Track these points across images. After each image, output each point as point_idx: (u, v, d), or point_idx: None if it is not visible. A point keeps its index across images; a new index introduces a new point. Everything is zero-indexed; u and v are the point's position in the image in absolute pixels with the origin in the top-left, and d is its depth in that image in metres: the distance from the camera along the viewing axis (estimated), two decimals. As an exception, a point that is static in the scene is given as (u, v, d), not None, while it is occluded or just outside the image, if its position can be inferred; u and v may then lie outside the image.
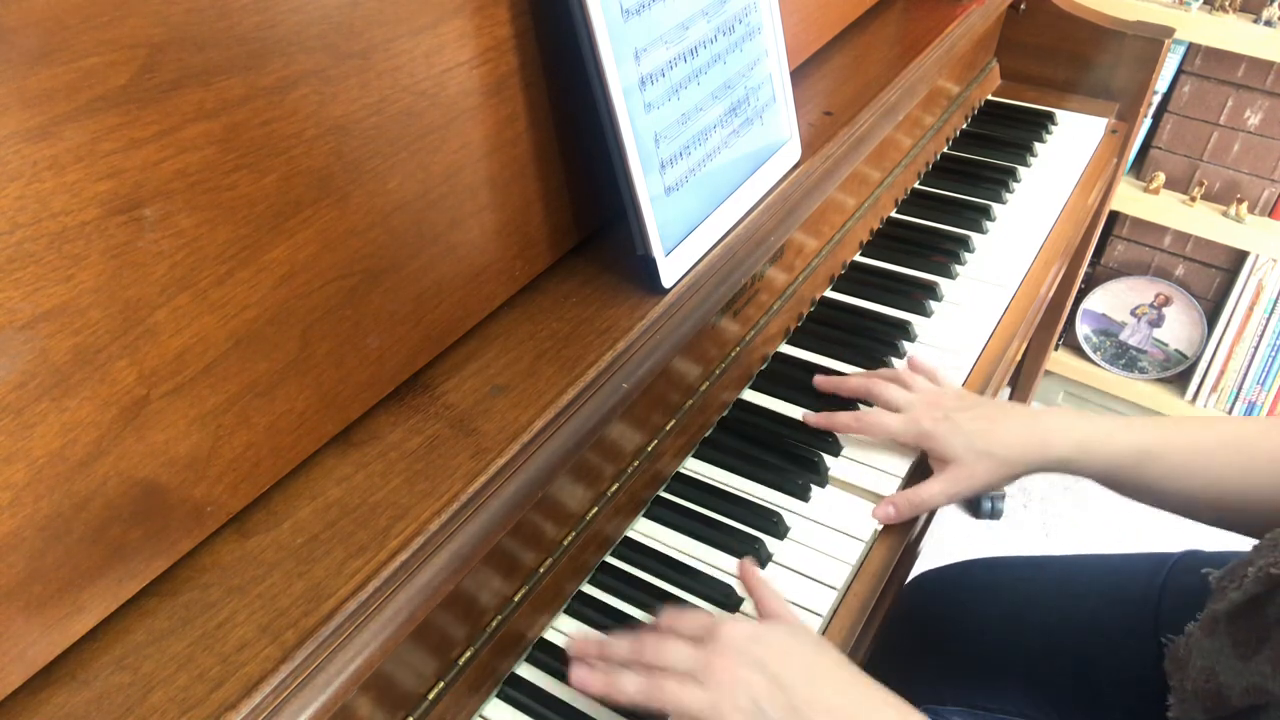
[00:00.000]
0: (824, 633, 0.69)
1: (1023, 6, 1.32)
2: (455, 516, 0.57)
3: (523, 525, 0.62)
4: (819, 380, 0.86)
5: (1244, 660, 0.61)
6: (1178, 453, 0.71)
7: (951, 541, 1.72)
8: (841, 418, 0.82)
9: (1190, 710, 0.67)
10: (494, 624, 0.63)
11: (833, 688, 0.56)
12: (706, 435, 0.83)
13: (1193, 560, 0.83)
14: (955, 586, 0.96)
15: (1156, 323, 1.88)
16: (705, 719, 0.55)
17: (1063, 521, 1.77)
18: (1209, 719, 0.65)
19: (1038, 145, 1.25)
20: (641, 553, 0.74)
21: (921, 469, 0.81)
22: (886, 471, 0.80)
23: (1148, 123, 1.70)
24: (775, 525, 0.75)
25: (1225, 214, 1.66)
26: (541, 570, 0.66)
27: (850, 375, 0.85)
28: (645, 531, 0.76)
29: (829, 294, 1.00)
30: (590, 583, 0.72)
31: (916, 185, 1.17)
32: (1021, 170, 1.20)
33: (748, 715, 0.54)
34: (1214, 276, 1.80)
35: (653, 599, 0.70)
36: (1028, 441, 0.75)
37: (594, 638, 0.63)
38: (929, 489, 0.77)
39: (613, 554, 0.74)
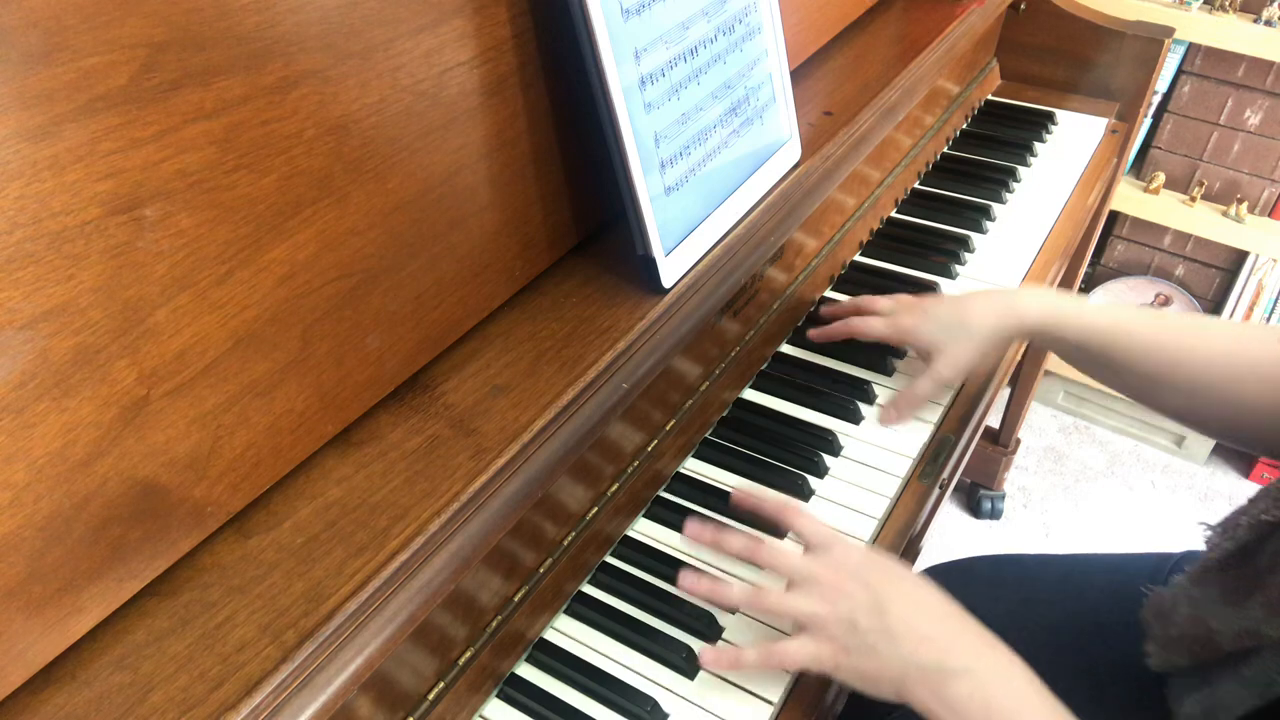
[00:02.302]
0: (824, 633, 0.69)
1: (1023, 6, 1.32)
2: (455, 517, 0.57)
3: (523, 525, 0.62)
4: (824, 311, 0.93)
5: (1235, 606, 0.63)
6: (1146, 329, 0.74)
7: (952, 541, 1.72)
8: (834, 326, 0.90)
9: (1173, 657, 0.69)
10: (494, 624, 0.63)
11: (928, 617, 0.60)
12: (707, 435, 0.83)
13: (1193, 560, 0.84)
14: (960, 582, 0.96)
15: (1156, 323, 1.88)
16: (804, 624, 0.60)
17: (1063, 521, 1.77)
18: (1194, 663, 0.66)
19: (1038, 145, 1.25)
20: (641, 553, 0.74)
21: (922, 467, 0.81)
22: (887, 471, 0.80)
23: (1148, 123, 1.70)
24: (775, 525, 0.75)
25: (1225, 214, 1.66)
26: (541, 570, 0.66)
27: (833, 325, 0.91)
28: (645, 531, 0.76)
29: (829, 294, 1.00)
30: (590, 583, 0.72)
31: (916, 185, 1.17)
32: (1021, 170, 1.20)
33: (844, 627, 0.59)
34: (1214, 276, 1.80)
35: (653, 599, 0.70)
36: (1001, 313, 0.80)
37: (710, 523, 0.68)
38: (919, 383, 0.83)
39: (613, 554, 0.74)
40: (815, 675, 0.67)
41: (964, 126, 1.29)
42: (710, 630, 0.68)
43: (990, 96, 1.36)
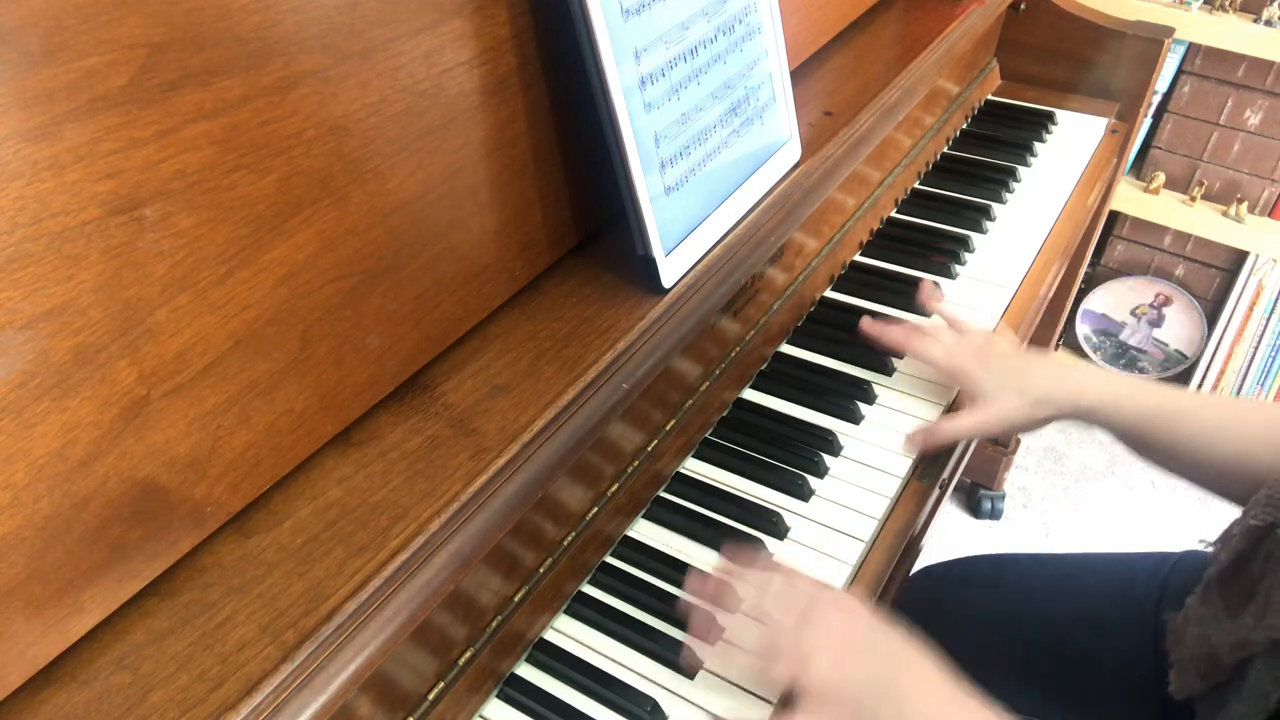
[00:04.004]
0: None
1: (1023, 6, 1.32)
2: (455, 516, 0.57)
3: (523, 525, 0.62)
4: (864, 323, 0.89)
5: (1233, 619, 0.62)
6: (1211, 415, 0.72)
7: (952, 541, 1.72)
8: (894, 332, 0.86)
9: (1188, 680, 0.68)
10: (494, 624, 0.63)
11: (936, 692, 0.58)
12: (707, 435, 0.83)
13: (1192, 560, 0.84)
14: (959, 581, 0.96)
15: (1156, 323, 1.88)
16: (808, 692, 0.58)
17: (1063, 521, 1.77)
18: (1206, 685, 0.66)
19: (1038, 145, 1.25)
20: (641, 553, 0.74)
21: (922, 467, 0.81)
22: (887, 471, 0.80)
23: (1148, 123, 1.70)
24: (775, 525, 0.75)
25: (1225, 214, 1.66)
26: (541, 570, 0.66)
27: (897, 325, 0.88)
28: (645, 531, 0.76)
29: (829, 294, 1.00)
30: (590, 583, 0.72)
31: (916, 185, 1.17)
32: (1021, 170, 1.20)
33: (852, 700, 0.57)
34: (1214, 276, 1.80)
35: (653, 599, 0.70)
36: (1059, 385, 0.78)
37: (710, 578, 0.65)
38: (959, 420, 0.80)
39: (613, 554, 0.74)
40: None
41: (964, 126, 1.29)
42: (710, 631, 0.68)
43: (990, 96, 1.36)
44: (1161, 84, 1.65)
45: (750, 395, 0.88)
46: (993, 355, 0.82)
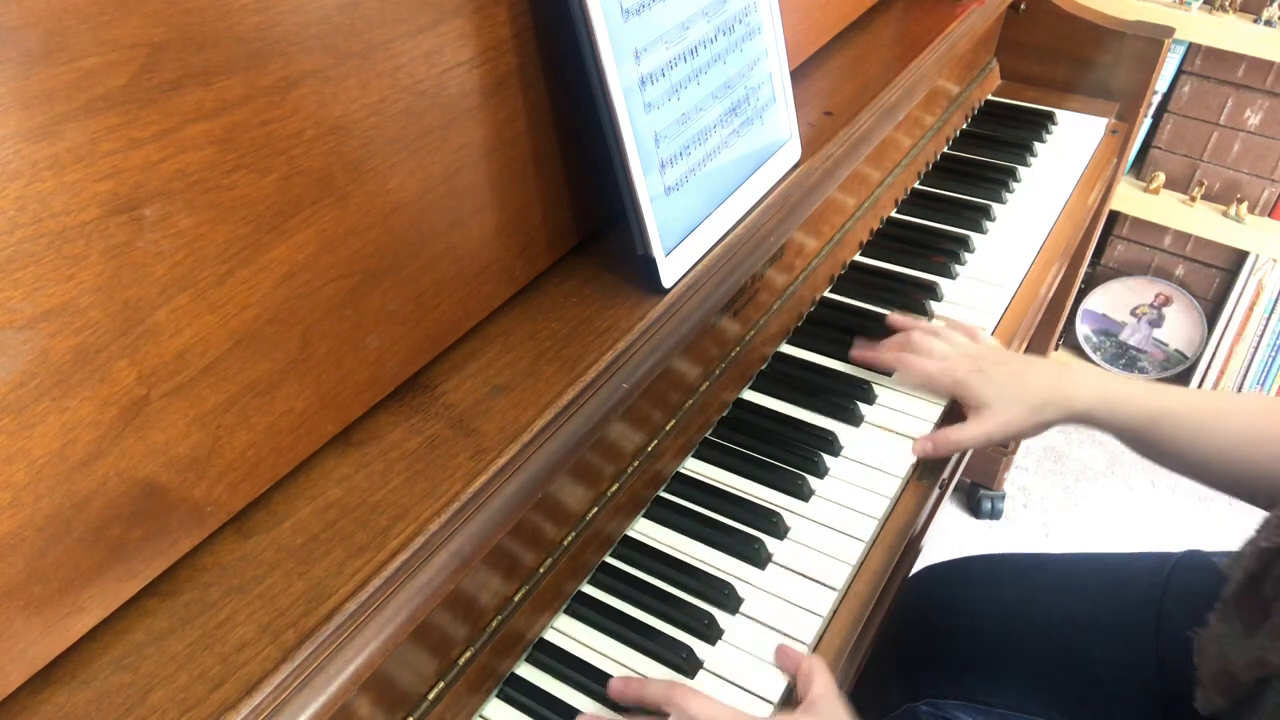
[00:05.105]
0: (823, 633, 0.69)
1: (1023, 6, 1.32)
2: (455, 516, 0.57)
3: (523, 525, 0.62)
4: (854, 353, 0.90)
5: (1250, 638, 0.62)
6: (1198, 417, 0.74)
7: (952, 541, 1.72)
8: (885, 355, 0.87)
9: (1211, 697, 0.68)
10: (494, 624, 0.63)
11: None
12: (706, 435, 0.83)
13: (1194, 560, 0.84)
14: (958, 582, 0.96)
15: (1156, 323, 1.88)
16: None
17: (1063, 521, 1.77)
18: (1228, 701, 0.66)
19: (1038, 145, 1.25)
20: (641, 553, 0.74)
21: (922, 468, 0.81)
22: (887, 472, 0.80)
23: (1148, 123, 1.70)
24: (775, 525, 0.75)
25: (1225, 214, 1.66)
26: (541, 570, 0.66)
27: (884, 343, 0.89)
28: (645, 531, 0.76)
29: (829, 294, 1.00)
30: (590, 583, 0.72)
31: (916, 185, 1.17)
32: (1021, 170, 1.20)
33: None
34: (1214, 276, 1.80)
35: (653, 599, 0.70)
36: (1054, 392, 0.79)
37: (632, 680, 0.64)
38: (964, 430, 0.81)
39: (613, 554, 0.74)
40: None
41: (964, 126, 1.29)
42: (710, 631, 0.68)
43: (990, 96, 1.36)
44: (1161, 84, 1.65)
45: (750, 395, 0.88)
46: (988, 363, 0.83)
